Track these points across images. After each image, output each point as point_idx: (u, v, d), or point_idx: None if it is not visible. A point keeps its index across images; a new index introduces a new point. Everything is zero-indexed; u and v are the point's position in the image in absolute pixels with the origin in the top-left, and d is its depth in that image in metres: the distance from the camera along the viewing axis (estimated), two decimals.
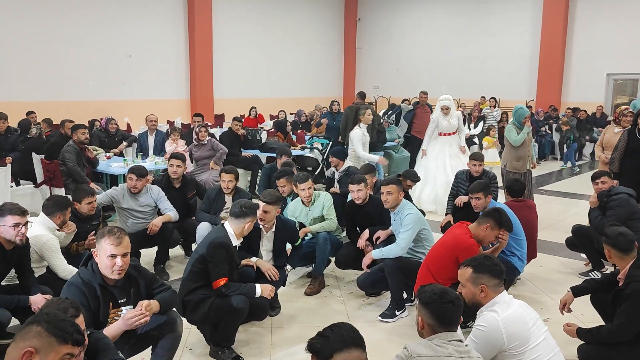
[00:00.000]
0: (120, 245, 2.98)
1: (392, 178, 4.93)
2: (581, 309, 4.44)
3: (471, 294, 2.89)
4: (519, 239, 4.74)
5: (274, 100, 16.49)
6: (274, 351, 4.01)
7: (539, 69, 15.95)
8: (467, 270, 2.93)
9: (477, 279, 2.87)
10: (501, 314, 2.78)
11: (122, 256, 2.99)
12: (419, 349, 2.37)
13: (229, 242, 3.80)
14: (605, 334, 3.30)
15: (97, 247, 3.03)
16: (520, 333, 2.75)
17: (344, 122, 9.01)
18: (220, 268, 3.68)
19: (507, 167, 7.08)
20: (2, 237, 3.66)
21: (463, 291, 2.91)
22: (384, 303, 4.77)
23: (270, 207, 4.36)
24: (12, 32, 11.86)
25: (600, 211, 5.41)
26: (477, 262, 2.94)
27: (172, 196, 5.68)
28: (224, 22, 15.88)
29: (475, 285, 2.87)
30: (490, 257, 3.05)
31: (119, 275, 3.02)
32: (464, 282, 2.92)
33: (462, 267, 2.98)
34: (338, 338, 2.07)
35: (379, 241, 4.92)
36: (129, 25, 13.91)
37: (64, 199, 4.50)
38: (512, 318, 2.78)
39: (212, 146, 8.05)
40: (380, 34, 19.65)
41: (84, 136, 7.15)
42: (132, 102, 13.73)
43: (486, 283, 2.86)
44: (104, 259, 2.98)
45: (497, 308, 2.82)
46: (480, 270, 2.88)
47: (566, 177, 11.56)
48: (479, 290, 2.87)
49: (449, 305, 2.48)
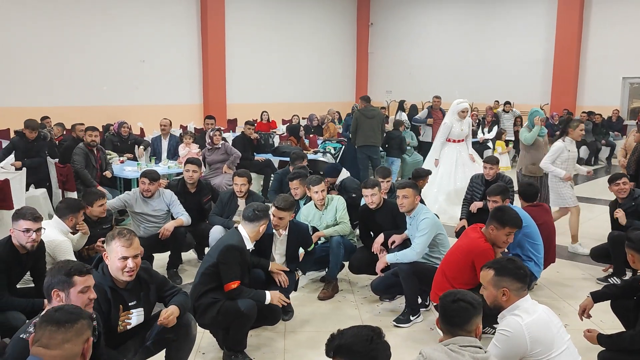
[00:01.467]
0: (131, 247, 2.98)
1: (408, 182, 4.85)
2: (600, 315, 4.35)
3: (493, 297, 2.84)
4: (536, 244, 4.66)
5: (286, 105, 16.50)
6: (287, 356, 3.98)
7: (554, 73, 15.83)
8: (489, 272, 2.87)
9: (499, 282, 2.81)
10: (525, 319, 2.72)
11: (132, 258, 2.99)
12: (435, 354, 2.33)
13: (243, 246, 3.78)
14: (628, 340, 3.22)
15: (107, 250, 3.02)
16: (544, 339, 2.69)
17: (354, 126, 9.03)
18: (232, 271, 3.66)
19: (523, 171, 6.98)
20: (16, 241, 3.67)
21: (485, 293, 2.86)
22: (398, 308, 4.72)
23: (284, 213, 4.30)
24: (26, 39, 11.99)
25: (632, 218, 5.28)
26: (500, 265, 2.88)
27: (187, 201, 5.67)
28: (236, 26, 15.95)
29: (497, 288, 2.82)
30: (514, 260, 2.99)
31: (130, 277, 3.01)
32: (485, 284, 2.87)
33: (484, 269, 2.92)
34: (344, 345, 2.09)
35: (394, 246, 4.85)
36: (142, 31, 14.01)
37: (77, 201, 4.52)
38: (536, 323, 2.71)
39: (225, 150, 8.05)
40: (392, 38, 19.63)
41: (90, 138, 7.17)
42: (146, 107, 13.80)
43: (508, 286, 2.80)
44: (114, 261, 2.97)
45: (521, 312, 2.75)
46: (502, 273, 2.83)
47: (581, 182, 11.41)
48: (501, 293, 2.81)
49: (455, 305, 2.42)
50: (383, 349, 2.09)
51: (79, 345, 2.10)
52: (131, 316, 3.10)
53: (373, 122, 8.96)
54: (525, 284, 2.86)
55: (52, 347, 2.05)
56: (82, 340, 2.11)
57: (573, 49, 15.45)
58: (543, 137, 6.96)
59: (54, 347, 2.05)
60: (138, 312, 3.14)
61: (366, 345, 2.05)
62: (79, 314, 2.16)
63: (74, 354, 2.08)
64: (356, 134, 9.01)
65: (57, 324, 2.08)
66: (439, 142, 8.06)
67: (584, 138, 13.51)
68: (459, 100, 8.02)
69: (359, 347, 2.05)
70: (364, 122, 8.96)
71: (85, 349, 2.13)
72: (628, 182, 5.45)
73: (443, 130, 8.00)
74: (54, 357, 2.04)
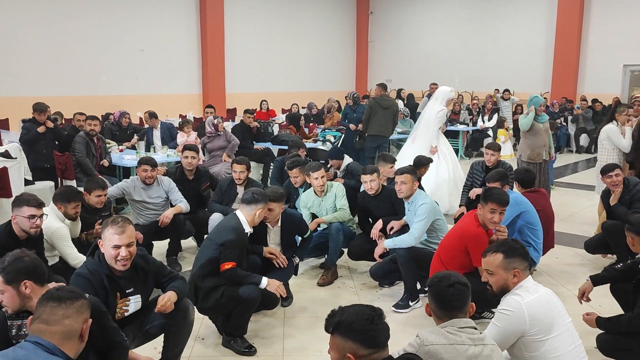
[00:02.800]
0: (124, 234, 2.94)
1: (406, 167, 4.83)
2: (599, 300, 4.36)
3: (503, 280, 2.80)
4: (536, 229, 4.66)
5: (286, 94, 16.45)
6: (286, 341, 3.99)
7: (554, 61, 15.74)
8: (497, 256, 2.81)
9: (509, 264, 2.78)
10: (525, 298, 2.71)
11: (126, 246, 2.95)
12: (432, 337, 2.33)
13: (242, 228, 3.79)
14: (626, 322, 3.21)
15: (102, 237, 3.00)
16: (543, 319, 2.68)
17: (367, 114, 8.79)
18: (229, 252, 3.67)
19: (522, 158, 7.00)
20: (17, 227, 3.68)
21: (492, 279, 2.81)
22: (397, 294, 4.73)
23: (274, 204, 4.21)
24: (26, 29, 11.93)
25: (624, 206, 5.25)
26: (507, 247, 2.84)
27: (185, 188, 5.66)
28: (235, 16, 15.86)
29: (507, 271, 2.78)
30: (517, 240, 2.98)
31: (124, 266, 2.98)
32: (494, 269, 2.81)
33: (489, 254, 2.85)
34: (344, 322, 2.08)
35: (393, 231, 4.86)
36: (141, 20, 13.94)
37: (70, 192, 4.41)
38: (536, 303, 2.70)
39: (226, 137, 8.06)
40: (392, 27, 19.51)
41: (90, 127, 7.18)
42: (145, 96, 13.76)
43: (519, 267, 2.78)
44: (108, 249, 2.95)
45: (521, 292, 2.74)
46: (512, 255, 2.79)
47: (582, 169, 11.41)
48: (512, 275, 2.78)
49: (452, 289, 2.39)
50: (382, 330, 2.08)
51: (78, 323, 2.11)
52: (129, 303, 3.08)
53: (387, 113, 8.68)
54: (529, 262, 2.86)
55: (52, 323, 2.06)
56: (82, 320, 2.13)
57: (574, 36, 15.35)
58: (543, 124, 6.95)
59: (54, 322, 2.06)
60: (135, 299, 3.12)
61: (366, 325, 2.04)
62: (80, 293, 2.20)
63: (73, 330, 2.09)
64: (368, 122, 8.73)
65: (58, 299, 2.10)
66: (435, 129, 7.67)
67: (584, 126, 13.51)
68: (449, 88, 7.85)
69: (359, 326, 2.04)
70: (378, 111, 8.67)
71: (84, 330, 2.14)
72: (621, 173, 5.37)
73: (441, 118, 7.70)
74: (54, 333, 2.05)
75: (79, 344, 2.13)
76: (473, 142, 12.79)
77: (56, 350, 2.01)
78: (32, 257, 2.63)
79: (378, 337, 2.06)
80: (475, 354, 2.30)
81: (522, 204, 4.66)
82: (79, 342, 2.13)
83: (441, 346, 2.29)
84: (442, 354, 2.27)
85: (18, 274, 2.49)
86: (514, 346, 2.72)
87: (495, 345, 2.41)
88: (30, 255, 2.63)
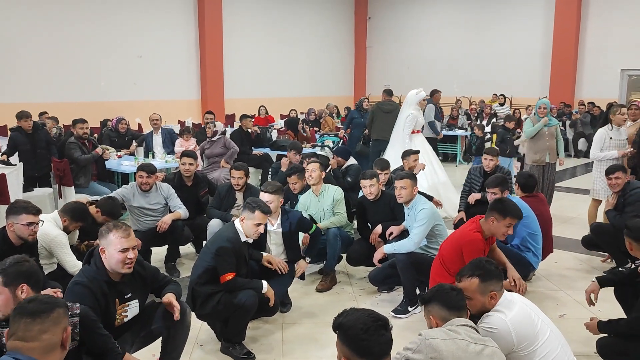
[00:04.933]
0: (130, 237, 2.99)
1: (406, 172, 4.86)
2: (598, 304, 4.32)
3: (480, 304, 2.76)
4: (535, 234, 4.66)
5: (285, 100, 16.47)
6: (284, 347, 3.97)
7: (552, 66, 15.79)
8: (473, 281, 2.75)
9: (486, 288, 2.74)
10: (508, 314, 2.69)
11: (132, 249, 2.99)
12: (433, 332, 2.40)
13: (238, 237, 3.79)
14: (624, 325, 3.22)
15: (104, 243, 2.97)
16: (528, 332, 2.67)
17: (370, 119, 8.98)
18: (227, 263, 3.66)
19: (527, 161, 7.15)
20: (13, 234, 3.67)
21: (470, 303, 2.73)
22: (396, 299, 4.71)
23: (272, 196, 4.31)
24: (24, 34, 11.93)
25: (616, 210, 5.29)
26: (482, 271, 2.78)
27: (184, 194, 5.65)
28: (234, 22, 15.88)
29: (484, 295, 2.74)
30: (490, 260, 2.93)
31: (129, 269, 2.99)
32: (470, 294, 2.75)
33: (464, 278, 2.78)
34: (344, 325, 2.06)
35: (392, 237, 4.85)
36: (139, 26, 13.95)
37: (83, 213, 4.42)
38: (519, 318, 2.69)
39: (224, 143, 8.06)
40: (390, 32, 19.56)
41: (82, 131, 7.17)
42: (144, 102, 13.75)
43: (495, 288, 2.75)
44: (114, 254, 2.94)
45: (502, 308, 2.72)
46: (488, 278, 2.75)
47: (580, 173, 11.42)
48: (489, 297, 2.75)
49: (452, 292, 2.58)
50: (378, 342, 1.99)
51: (57, 335, 2.04)
52: (127, 309, 3.08)
53: (389, 117, 8.66)
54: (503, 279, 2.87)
55: (29, 340, 1.97)
56: (60, 330, 2.06)
57: (571, 41, 15.40)
58: (548, 128, 7.07)
59: (31, 339, 1.97)
60: (134, 304, 3.13)
61: (360, 334, 1.99)
62: (54, 303, 2.09)
63: (53, 343, 2.02)
64: (371, 127, 8.93)
65: (31, 315, 2.00)
66: (406, 134, 7.69)
67: (582, 130, 13.52)
68: (416, 90, 7.91)
69: (353, 333, 2.01)
70: (380, 116, 8.83)
71: (65, 339, 2.07)
72: (622, 176, 5.38)
73: (410, 122, 7.70)
74: (33, 349, 1.96)
75: (61, 353, 2.08)
76: (471, 147, 12.79)
77: None
78: (33, 263, 2.64)
79: (372, 347, 1.99)
80: (475, 351, 2.31)
81: (522, 210, 4.65)
82: (61, 350, 2.07)
83: (442, 340, 2.31)
84: (442, 347, 2.29)
85: (17, 276, 2.48)
86: None
87: (497, 349, 2.41)
88: (31, 262, 2.63)
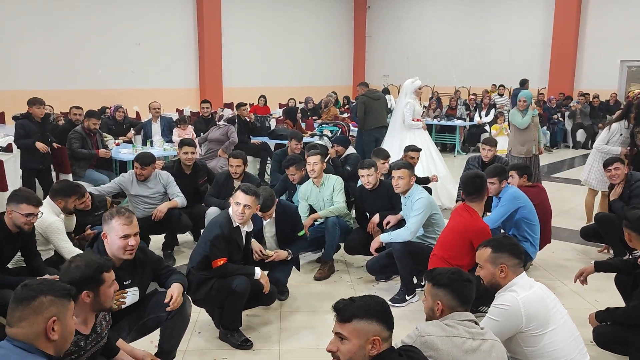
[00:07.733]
0: (132, 224, 3.00)
1: (403, 162, 4.86)
2: (594, 294, 4.38)
3: (490, 275, 2.83)
4: (533, 224, 4.67)
5: (283, 89, 16.39)
6: (283, 335, 3.99)
7: (552, 56, 15.74)
8: (485, 250, 2.86)
9: (496, 259, 2.80)
10: (521, 294, 2.72)
11: (134, 236, 3.00)
12: (429, 328, 2.36)
13: (230, 223, 3.77)
14: (621, 314, 3.24)
15: (106, 229, 3.00)
16: (539, 314, 2.69)
17: (362, 111, 8.84)
18: (218, 247, 3.67)
19: (512, 152, 7.12)
20: (10, 221, 3.66)
21: (482, 272, 2.85)
22: (394, 288, 4.73)
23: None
24: (21, 22, 11.85)
25: (623, 202, 5.27)
26: (496, 242, 2.89)
27: (183, 183, 5.65)
28: (232, 10, 15.79)
29: (494, 266, 2.80)
30: (509, 237, 3.01)
31: (131, 255, 3.01)
32: (482, 262, 2.86)
33: (480, 248, 2.91)
34: (363, 306, 2.09)
35: (389, 226, 4.86)
36: (137, 14, 13.86)
37: (70, 186, 4.43)
38: (531, 298, 2.71)
39: (226, 131, 8.11)
40: (390, 21, 19.47)
41: (94, 126, 7.19)
42: (142, 90, 13.69)
43: (506, 262, 2.79)
44: (115, 240, 2.96)
45: (517, 288, 2.75)
46: (499, 250, 2.82)
47: (578, 164, 11.43)
48: (499, 270, 2.79)
49: (467, 283, 2.48)
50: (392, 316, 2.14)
51: (37, 325, 1.93)
52: (126, 295, 3.08)
53: (379, 104, 8.82)
54: (522, 260, 2.86)
55: (12, 325, 1.94)
56: (43, 319, 1.94)
57: (571, 32, 15.35)
58: (532, 118, 7.08)
59: (13, 324, 1.94)
60: (133, 291, 3.13)
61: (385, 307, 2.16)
62: (39, 290, 1.97)
63: (33, 332, 1.93)
64: (365, 119, 8.75)
65: (17, 300, 1.96)
66: (409, 121, 7.71)
67: (581, 121, 13.52)
68: (412, 79, 7.89)
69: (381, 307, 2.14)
70: (373, 104, 8.77)
71: (48, 329, 1.94)
72: (621, 167, 5.37)
73: (409, 110, 7.72)
74: (17, 334, 1.93)
75: (46, 343, 1.95)
76: (470, 137, 12.80)
77: (32, 349, 1.90)
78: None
79: (392, 320, 2.12)
80: (472, 347, 2.31)
81: (519, 199, 4.66)
82: (46, 341, 1.95)
83: (437, 337, 2.30)
84: (438, 344, 2.28)
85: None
86: (512, 341, 2.72)
87: (496, 341, 2.42)
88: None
